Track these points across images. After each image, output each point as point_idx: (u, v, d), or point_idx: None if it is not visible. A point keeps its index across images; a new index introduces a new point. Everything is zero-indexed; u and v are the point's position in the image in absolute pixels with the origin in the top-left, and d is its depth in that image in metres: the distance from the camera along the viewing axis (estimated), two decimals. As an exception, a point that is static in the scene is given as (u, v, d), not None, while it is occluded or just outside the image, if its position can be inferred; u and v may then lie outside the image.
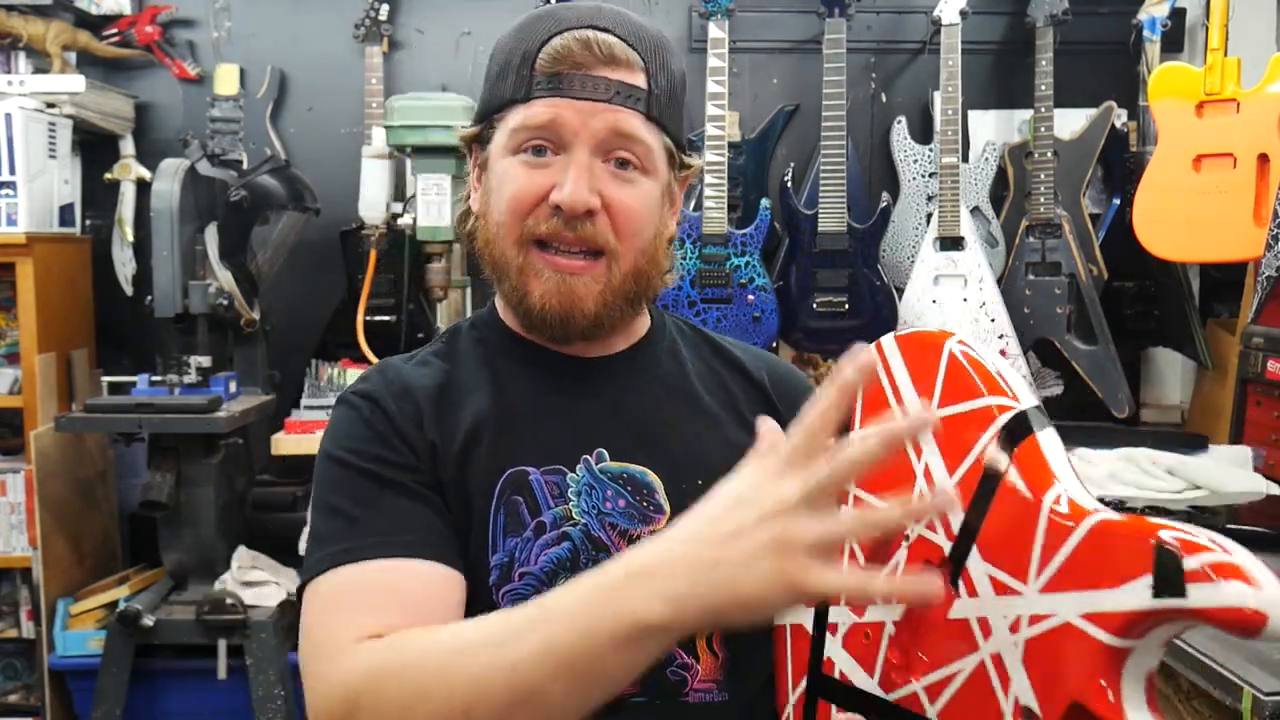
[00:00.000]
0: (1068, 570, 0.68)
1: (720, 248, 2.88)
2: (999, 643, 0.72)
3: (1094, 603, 0.66)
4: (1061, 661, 0.68)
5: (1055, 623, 0.68)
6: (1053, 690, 0.68)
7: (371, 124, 2.99)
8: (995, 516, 0.74)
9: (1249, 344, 2.21)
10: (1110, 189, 3.05)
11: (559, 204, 0.95)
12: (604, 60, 0.96)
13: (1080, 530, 0.68)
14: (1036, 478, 0.73)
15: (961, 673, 0.75)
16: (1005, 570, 0.73)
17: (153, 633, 2.55)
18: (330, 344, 3.06)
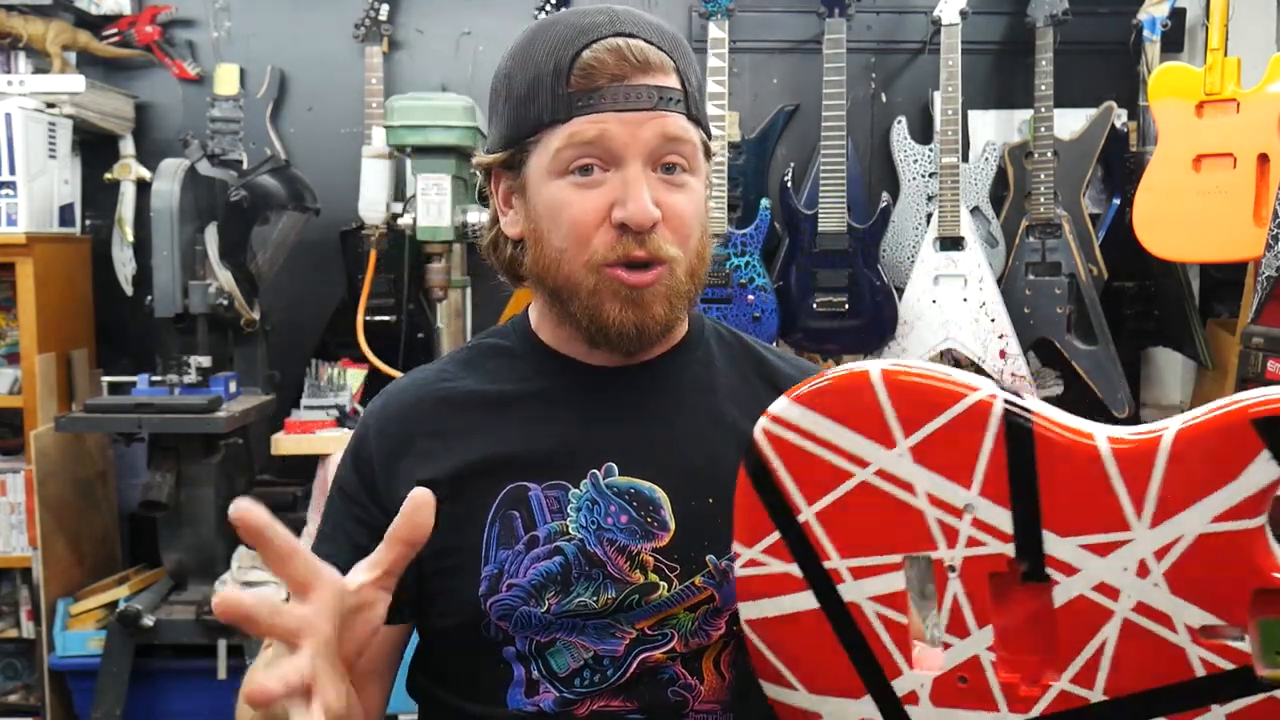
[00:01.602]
0: (1169, 492, 0.68)
1: (720, 248, 2.88)
2: (1135, 593, 0.71)
3: (1219, 504, 0.67)
4: (1217, 567, 0.68)
5: (1186, 543, 0.68)
6: (1224, 596, 0.68)
7: (371, 124, 2.99)
8: (1051, 493, 0.72)
9: (1249, 344, 2.20)
10: (1110, 189, 3.05)
11: (624, 221, 0.93)
12: (640, 67, 0.94)
13: (1163, 450, 0.68)
14: (1070, 435, 0.72)
15: (1108, 640, 0.73)
16: (1096, 531, 0.72)
17: (153, 633, 2.55)
18: (330, 344, 3.06)
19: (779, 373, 1.10)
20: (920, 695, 0.79)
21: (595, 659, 0.97)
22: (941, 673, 0.78)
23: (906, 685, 0.80)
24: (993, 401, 0.74)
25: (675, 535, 0.98)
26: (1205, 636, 0.70)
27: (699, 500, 0.99)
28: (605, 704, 0.97)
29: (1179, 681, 0.71)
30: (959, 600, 0.77)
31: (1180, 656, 0.71)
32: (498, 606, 0.97)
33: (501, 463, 1.00)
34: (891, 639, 0.80)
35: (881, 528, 0.77)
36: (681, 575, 0.98)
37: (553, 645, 0.98)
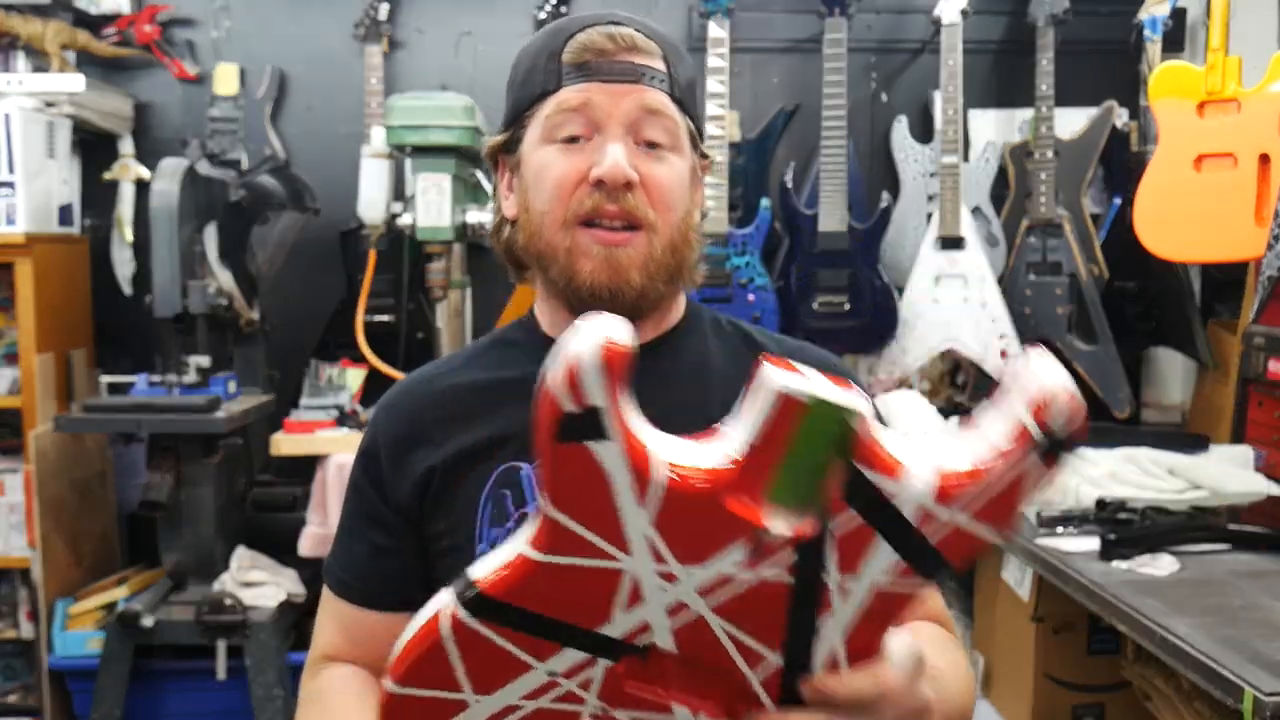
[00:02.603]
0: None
1: (720, 248, 2.88)
2: (687, 590, 0.73)
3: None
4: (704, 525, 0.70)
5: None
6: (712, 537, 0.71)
7: (371, 124, 2.99)
8: (551, 610, 0.75)
9: (1250, 344, 2.20)
10: (1111, 189, 3.05)
11: (600, 177, 0.98)
12: (627, 48, 1.01)
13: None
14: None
15: (721, 627, 0.74)
16: (599, 602, 0.74)
17: (152, 633, 2.55)
18: (330, 344, 3.06)
19: (770, 351, 1.12)
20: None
21: None
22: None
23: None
24: (458, 617, 0.75)
25: None
26: (754, 561, 0.71)
27: None
28: None
29: (783, 611, 0.73)
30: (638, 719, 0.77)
31: (766, 587, 0.72)
32: None
33: (497, 445, 1.03)
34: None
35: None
36: None
37: None
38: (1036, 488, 0.70)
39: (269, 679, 2.58)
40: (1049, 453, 0.69)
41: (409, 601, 1.05)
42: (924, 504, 0.69)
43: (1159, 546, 1.89)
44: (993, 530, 0.71)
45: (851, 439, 0.68)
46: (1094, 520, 2.02)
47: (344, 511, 1.12)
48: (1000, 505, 0.70)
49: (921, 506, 0.69)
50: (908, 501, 0.69)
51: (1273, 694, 1.30)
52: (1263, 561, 1.87)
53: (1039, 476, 0.70)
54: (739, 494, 0.70)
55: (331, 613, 1.10)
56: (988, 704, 2.42)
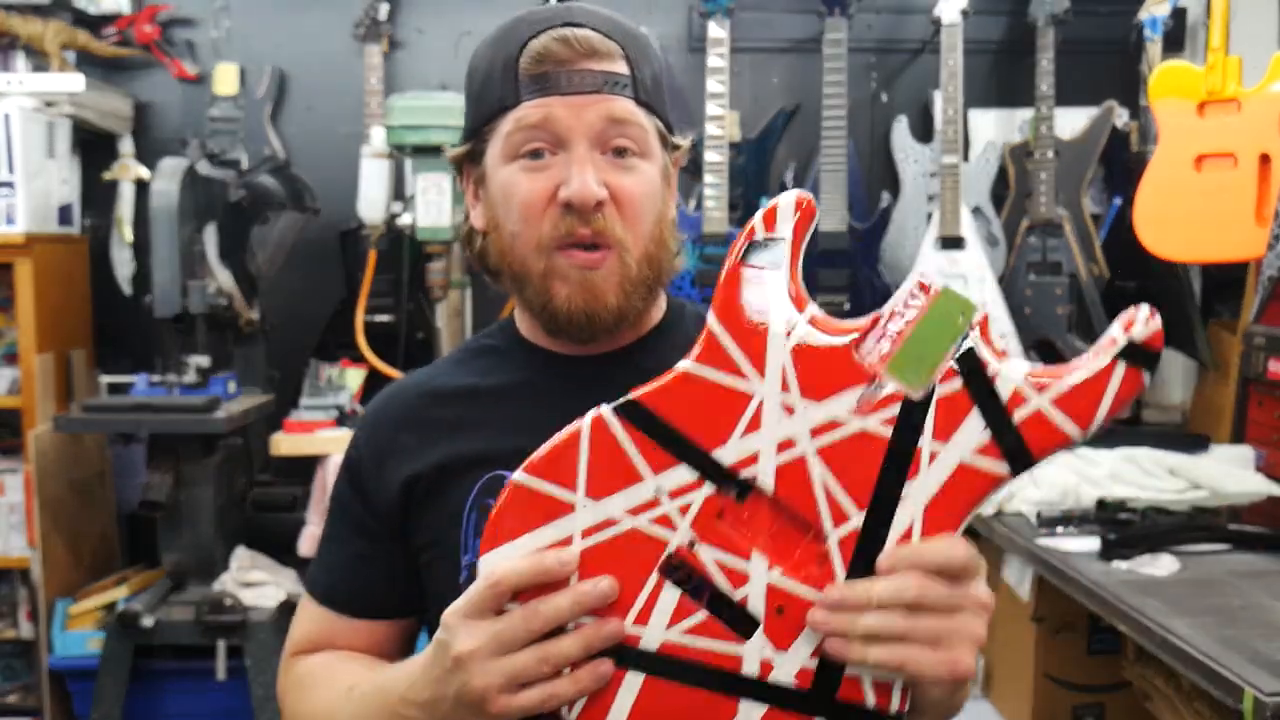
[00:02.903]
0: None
1: (720, 247, 2.88)
2: (800, 429, 0.81)
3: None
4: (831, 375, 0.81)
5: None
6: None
7: (371, 124, 2.99)
8: (689, 426, 0.82)
9: (1250, 344, 2.20)
10: (1111, 189, 3.05)
11: (569, 200, 0.95)
12: (585, 54, 0.97)
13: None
14: (667, 380, 0.84)
15: (823, 477, 0.81)
16: (735, 422, 0.82)
17: (152, 633, 2.55)
18: (330, 344, 3.06)
19: None
20: (771, 660, 0.82)
21: None
22: (763, 622, 0.81)
23: (753, 668, 0.82)
24: (603, 415, 0.83)
25: None
26: (864, 408, 0.80)
27: None
28: None
29: (878, 464, 0.80)
30: (719, 560, 0.81)
31: (868, 437, 0.80)
32: None
33: (480, 454, 1.01)
34: (717, 650, 0.82)
35: (624, 567, 0.81)
36: None
37: None
38: (1118, 393, 0.78)
39: (269, 679, 2.58)
40: (1130, 360, 0.78)
41: (390, 610, 1.08)
42: (1018, 385, 0.79)
43: (1159, 546, 1.89)
44: (1072, 423, 0.78)
45: (968, 328, 0.80)
46: (1094, 520, 2.02)
47: (327, 520, 1.12)
48: (1082, 399, 0.78)
49: (1015, 387, 0.79)
50: (1005, 379, 0.79)
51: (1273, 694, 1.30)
52: (1263, 561, 1.87)
53: (1121, 380, 0.78)
54: (867, 349, 0.81)
55: (311, 618, 1.10)
56: (988, 704, 2.42)
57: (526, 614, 0.80)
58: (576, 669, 0.80)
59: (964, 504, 0.80)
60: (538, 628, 0.80)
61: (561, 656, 0.80)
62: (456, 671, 0.82)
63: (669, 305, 1.11)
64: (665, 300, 1.10)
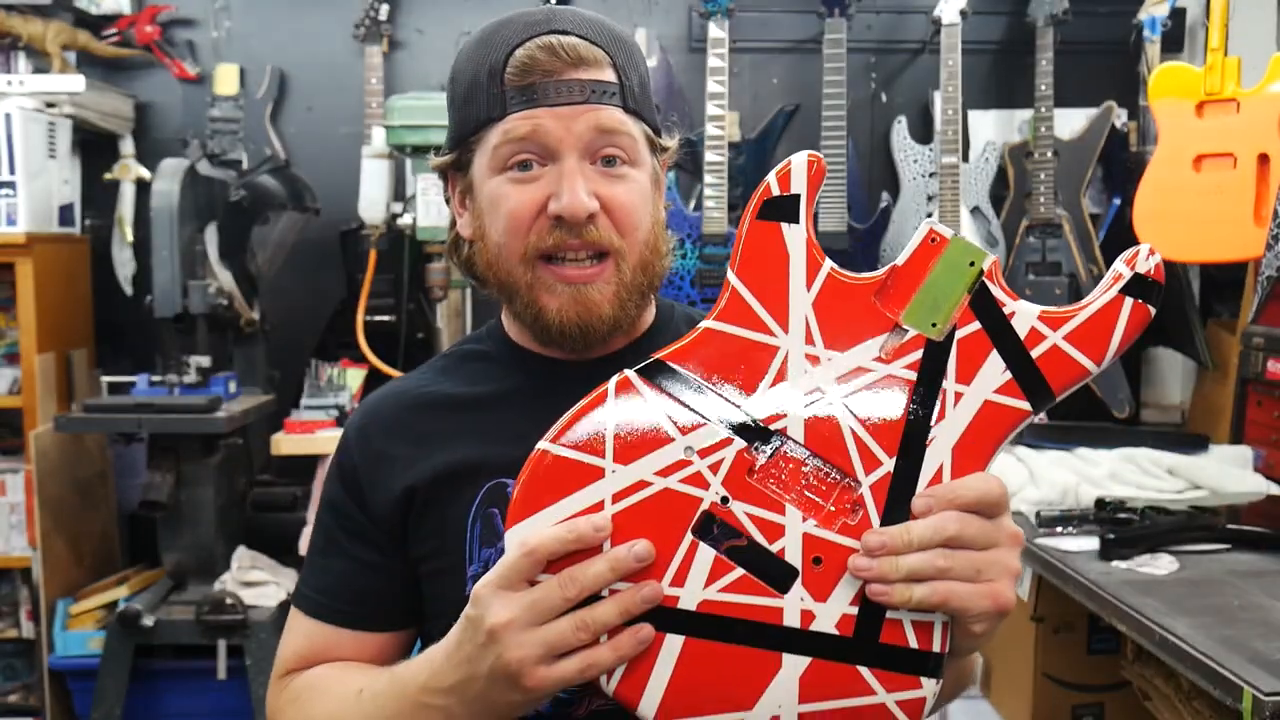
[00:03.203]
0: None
1: (720, 247, 2.88)
2: (826, 381, 0.83)
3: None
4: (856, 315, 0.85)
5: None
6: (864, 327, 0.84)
7: (371, 124, 2.99)
8: (717, 378, 0.84)
9: (1249, 344, 2.21)
10: (1110, 189, 3.05)
11: (559, 214, 0.94)
12: (572, 63, 0.95)
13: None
14: (687, 340, 0.86)
15: (851, 426, 0.83)
16: (763, 374, 0.84)
17: (152, 633, 2.55)
18: (330, 344, 3.06)
19: None
20: (812, 610, 0.82)
21: None
22: (801, 573, 0.81)
23: (794, 619, 0.82)
24: (628, 377, 0.84)
25: None
26: (887, 355, 0.83)
27: None
28: (603, 703, 0.96)
29: (905, 408, 0.82)
30: (753, 515, 0.81)
31: (893, 381, 0.83)
32: None
33: (480, 463, 1.00)
34: (757, 605, 0.82)
35: (657, 528, 0.81)
36: None
37: None
38: (1127, 326, 0.82)
39: (269, 679, 2.58)
40: (1136, 292, 0.82)
41: (391, 621, 1.05)
42: (1033, 323, 0.82)
43: (1158, 546, 1.89)
44: (1087, 357, 0.82)
45: (980, 274, 0.83)
46: (1094, 520, 2.02)
47: (317, 533, 1.08)
48: (1095, 332, 0.82)
49: (1031, 325, 0.82)
50: (1021, 318, 0.83)
51: (1272, 694, 1.30)
52: (1262, 561, 1.87)
53: (1130, 312, 0.82)
54: (886, 298, 0.84)
55: (305, 633, 1.06)
56: (987, 704, 2.42)
57: (562, 581, 0.79)
58: (614, 635, 0.79)
59: (990, 441, 0.82)
60: (574, 595, 0.78)
61: (600, 623, 0.78)
62: (490, 645, 0.80)
63: (658, 307, 1.11)
64: (654, 303, 1.10)
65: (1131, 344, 0.83)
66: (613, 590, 0.80)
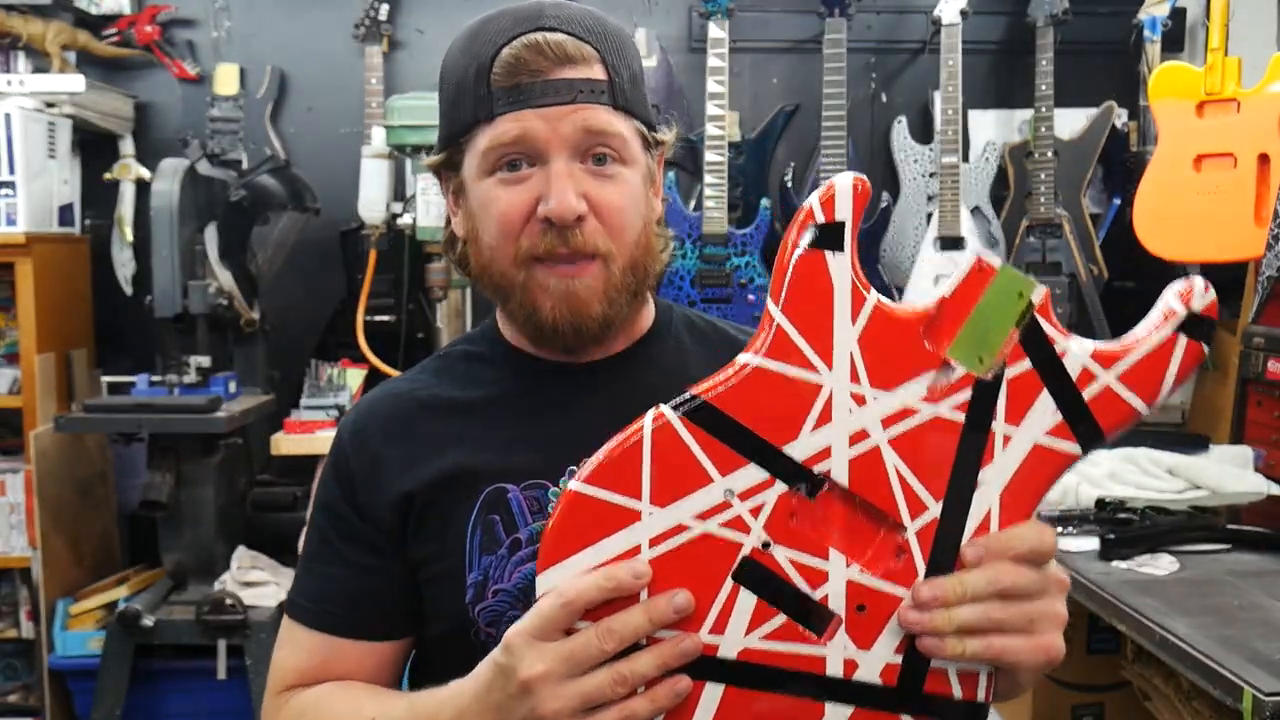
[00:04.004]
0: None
1: (720, 247, 2.88)
2: (872, 420, 0.80)
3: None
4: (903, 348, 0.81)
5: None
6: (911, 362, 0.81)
7: (371, 124, 2.99)
8: (758, 423, 0.80)
9: (1249, 344, 2.20)
10: (1110, 189, 3.05)
11: (548, 216, 0.93)
12: (559, 61, 0.94)
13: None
14: (730, 375, 0.82)
15: (896, 465, 0.80)
16: (804, 416, 0.81)
17: (152, 633, 2.55)
18: (330, 344, 3.06)
19: None
20: (855, 659, 0.80)
21: None
22: (844, 622, 0.79)
23: (836, 669, 0.80)
24: (664, 414, 0.81)
25: None
26: (935, 394, 0.80)
27: None
28: None
29: (956, 444, 0.79)
30: (795, 561, 0.79)
31: (941, 424, 0.80)
32: (485, 613, 0.96)
33: (479, 467, 0.99)
34: (799, 653, 0.80)
35: (696, 574, 0.79)
36: None
37: None
38: (1180, 365, 0.80)
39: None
40: (1191, 331, 0.79)
41: (393, 630, 1.02)
42: (1084, 362, 0.80)
43: (1158, 546, 1.89)
44: (1139, 398, 0.80)
45: (1030, 307, 0.80)
46: (1093, 520, 2.02)
47: (311, 539, 1.05)
48: (1147, 373, 0.80)
49: (1083, 364, 0.80)
50: (1072, 357, 0.80)
51: (1272, 694, 1.30)
52: (1262, 561, 1.87)
53: (1183, 352, 0.80)
54: (933, 333, 0.80)
55: (302, 646, 1.03)
56: (987, 704, 2.42)
57: (600, 632, 0.77)
58: (652, 686, 0.78)
59: (1039, 487, 0.80)
60: (611, 647, 0.77)
61: (637, 675, 0.77)
62: (524, 697, 0.78)
63: (657, 309, 1.10)
64: (653, 305, 1.09)
65: (1184, 381, 0.81)
66: (651, 639, 0.78)
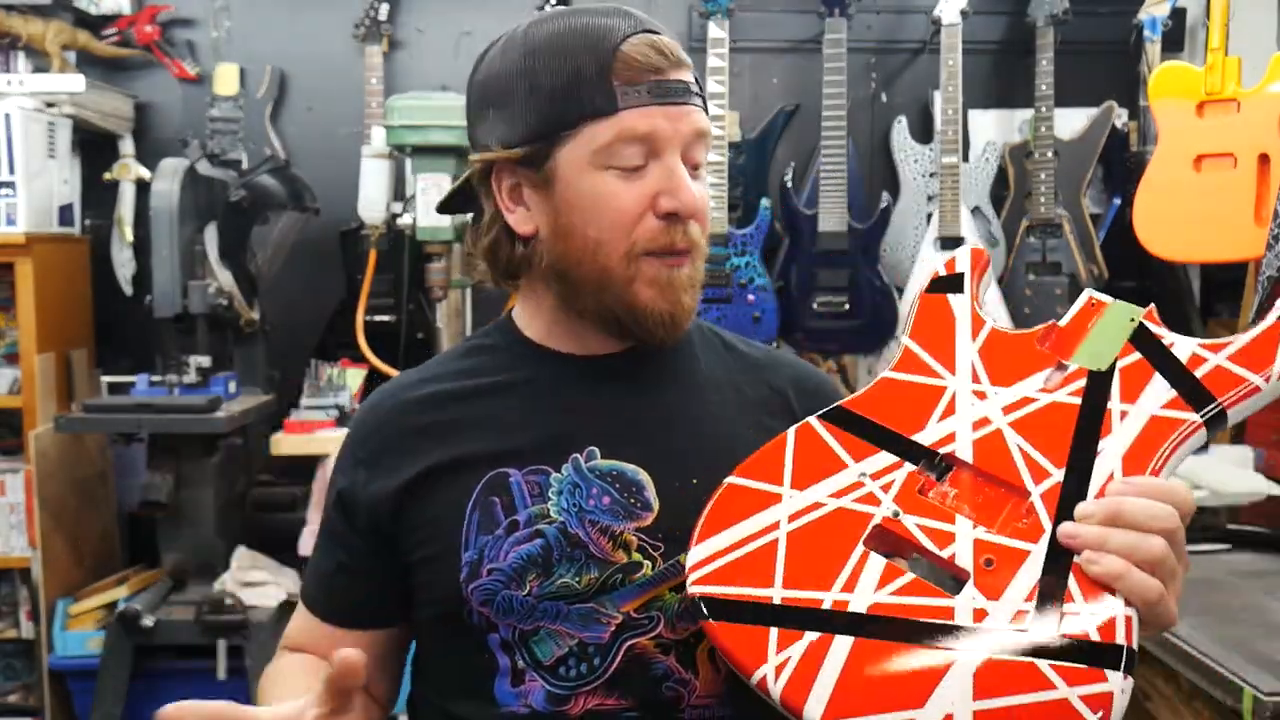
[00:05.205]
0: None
1: (720, 248, 2.88)
2: (993, 407, 0.90)
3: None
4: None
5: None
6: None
7: (371, 124, 2.99)
8: (885, 416, 0.91)
9: (1249, 344, 2.20)
10: (1111, 189, 3.05)
11: (676, 210, 0.97)
12: (675, 64, 0.98)
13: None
14: (865, 393, 0.94)
15: (1018, 443, 0.87)
16: (933, 408, 0.91)
17: (152, 633, 2.55)
18: (330, 344, 3.06)
19: (753, 359, 1.14)
20: (985, 608, 0.82)
21: (580, 646, 0.97)
22: (973, 575, 0.82)
23: (965, 617, 0.81)
24: (808, 422, 0.92)
25: (659, 515, 0.99)
26: (1052, 387, 0.88)
27: (683, 481, 1.00)
28: (600, 703, 0.97)
29: (1072, 425, 0.85)
30: (923, 525, 0.85)
31: (1059, 406, 0.87)
32: (479, 592, 0.97)
33: (483, 451, 1.01)
34: (928, 605, 0.83)
35: (830, 543, 0.85)
36: (665, 554, 0.98)
37: (536, 633, 0.98)
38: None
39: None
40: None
41: (377, 619, 1.08)
42: (1193, 350, 0.86)
43: (1158, 546, 1.89)
44: (1250, 370, 0.85)
45: (1140, 324, 0.88)
46: (1094, 520, 2.02)
47: (327, 524, 1.11)
48: (1258, 351, 0.85)
49: (1192, 351, 0.86)
50: (1181, 346, 0.87)
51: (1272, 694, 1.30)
52: (1263, 561, 1.88)
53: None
54: (1049, 348, 0.90)
55: (303, 618, 1.12)
56: (987, 704, 2.42)
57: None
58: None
59: (1159, 447, 0.84)
60: None
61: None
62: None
63: None
64: None
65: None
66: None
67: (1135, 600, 0.79)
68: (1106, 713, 0.76)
